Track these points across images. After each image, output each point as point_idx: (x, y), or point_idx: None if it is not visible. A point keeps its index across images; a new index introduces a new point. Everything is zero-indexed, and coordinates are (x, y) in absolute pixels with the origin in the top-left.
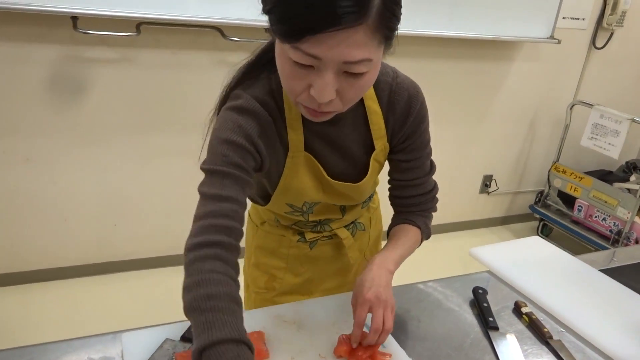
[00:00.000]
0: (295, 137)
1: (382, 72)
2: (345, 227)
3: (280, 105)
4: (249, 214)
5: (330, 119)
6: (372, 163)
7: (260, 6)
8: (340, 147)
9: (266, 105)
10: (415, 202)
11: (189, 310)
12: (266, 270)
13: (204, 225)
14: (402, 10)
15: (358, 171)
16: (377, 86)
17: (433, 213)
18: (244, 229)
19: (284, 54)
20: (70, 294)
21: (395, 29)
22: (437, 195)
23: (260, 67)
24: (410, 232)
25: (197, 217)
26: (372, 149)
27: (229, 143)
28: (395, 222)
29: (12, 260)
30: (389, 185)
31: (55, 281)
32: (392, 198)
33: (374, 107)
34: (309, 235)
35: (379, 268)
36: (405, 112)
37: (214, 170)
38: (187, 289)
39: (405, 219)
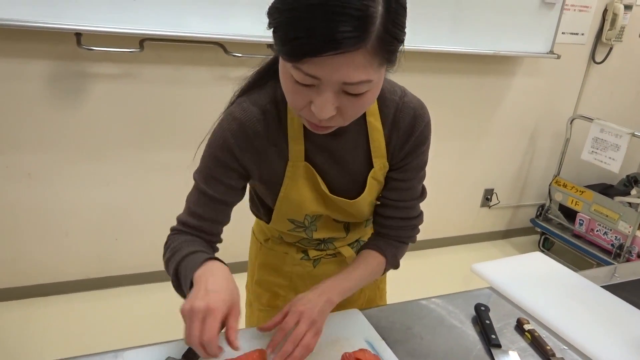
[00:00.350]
0: (296, 147)
1: (390, 90)
2: (349, 245)
3: (283, 115)
4: (252, 231)
5: (332, 132)
6: (370, 181)
7: (265, 21)
8: (340, 161)
9: (266, 114)
10: (393, 225)
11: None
12: (269, 287)
13: (187, 223)
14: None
15: (357, 187)
16: (382, 104)
17: (410, 243)
18: (248, 244)
19: (286, 71)
20: (71, 308)
21: (397, 50)
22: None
23: (267, 76)
24: (374, 262)
25: (187, 201)
26: (371, 166)
27: (213, 158)
28: (366, 244)
29: (13, 274)
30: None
31: (56, 296)
32: (374, 215)
33: (375, 124)
34: (313, 253)
35: (321, 295)
36: (409, 131)
37: (200, 179)
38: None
39: (375, 245)
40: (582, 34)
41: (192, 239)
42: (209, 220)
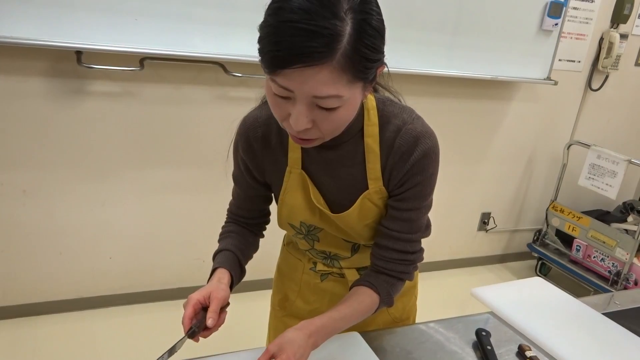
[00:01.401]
0: (294, 154)
1: (396, 114)
2: (357, 269)
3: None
4: (284, 234)
5: (329, 144)
6: (362, 200)
7: None
8: (335, 174)
9: (270, 120)
10: (387, 257)
11: None
12: (281, 289)
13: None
14: (402, 48)
15: (350, 204)
16: (384, 127)
17: (406, 280)
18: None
19: (267, 83)
20: (64, 328)
21: (369, 69)
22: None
23: None
24: (367, 301)
25: (232, 192)
26: (366, 187)
27: (233, 157)
28: (360, 279)
29: (6, 293)
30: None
31: (48, 315)
32: (373, 245)
33: (372, 146)
34: (320, 267)
35: (309, 337)
36: (405, 158)
37: (233, 174)
38: None
39: (369, 282)
40: (579, 61)
41: (233, 230)
42: (247, 209)
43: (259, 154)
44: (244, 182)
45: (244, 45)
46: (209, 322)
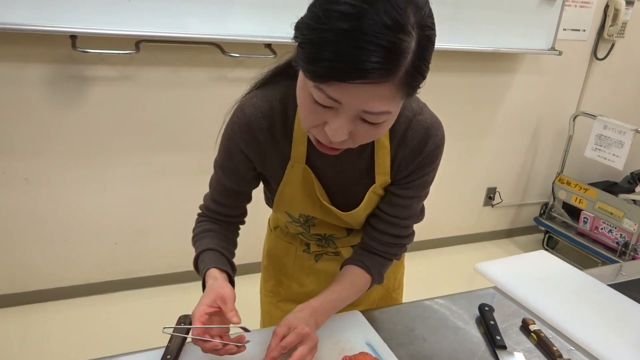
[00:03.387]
0: (299, 149)
1: (405, 106)
2: (352, 246)
3: (291, 114)
4: (269, 218)
5: None
6: (369, 195)
7: (264, 20)
8: (341, 169)
9: (273, 111)
10: (382, 240)
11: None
12: (274, 274)
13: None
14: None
15: (355, 198)
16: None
17: (395, 260)
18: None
19: (305, 88)
20: (71, 314)
21: (420, 84)
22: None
23: (284, 74)
24: (360, 282)
25: (210, 186)
26: (373, 181)
27: (225, 149)
28: (351, 259)
29: (12, 281)
30: None
31: (55, 301)
32: (366, 225)
33: (383, 141)
34: (314, 248)
35: (311, 315)
36: (417, 151)
37: (217, 168)
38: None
39: (361, 261)
40: (584, 30)
41: (211, 228)
42: (228, 206)
43: (264, 146)
44: (236, 175)
45: (242, 26)
46: (235, 318)
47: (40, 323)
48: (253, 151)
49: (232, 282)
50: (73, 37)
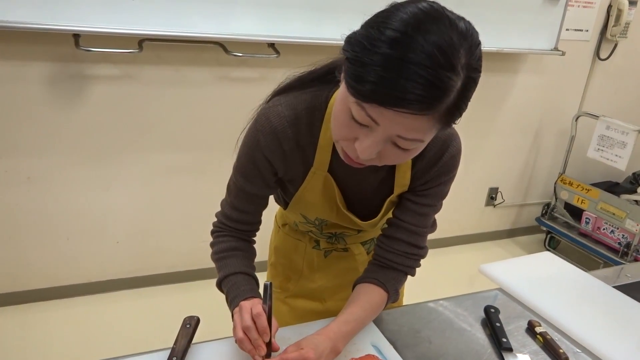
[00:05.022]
0: (322, 157)
1: None
2: (362, 243)
3: (317, 122)
4: (275, 215)
5: None
6: (387, 204)
7: (266, 20)
8: (361, 179)
9: (299, 119)
10: (398, 250)
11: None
12: (282, 271)
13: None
14: None
15: (372, 207)
16: None
17: (410, 275)
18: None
19: (346, 102)
20: (72, 313)
21: (455, 122)
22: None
23: (315, 81)
24: (377, 299)
25: (229, 193)
26: (391, 192)
27: (248, 156)
28: (366, 276)
29: (13, 279)
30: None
31: (57, 300)
32: (380, 236)
33: None
34: (324, 245)
35: (326, 340)
36: (433, 161)
37: (238, 175)
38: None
39: (376, 279)
40: (587, 31)
41: (237, 246)
42: (250, 212)
43: (288, 153)
44: (259, 181)
45: (245, 25)
46: (276, 345)
47: (42, 322)
48: (277, 159)
49: None
50: (76, 35)
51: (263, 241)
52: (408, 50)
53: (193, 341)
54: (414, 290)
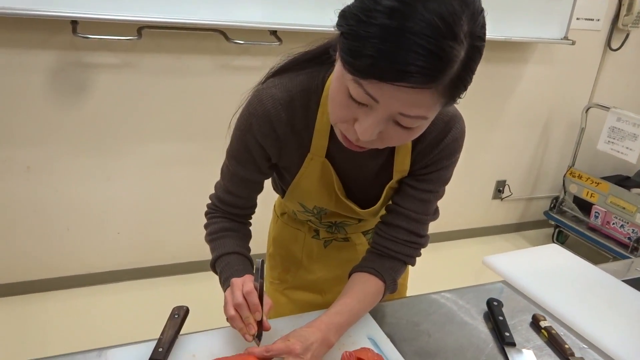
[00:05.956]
0: (319, 142)
1: None
2: (363, 232)
3: (313, 106)
4: (274, 205)
5: None
6: (387, 191)
7: (267, 6)
8: (360, 165)
9: (293, 102)
10: (398, 238)
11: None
12: (281, 262)
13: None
14: None
15: (371, 193)
16: None
17: (409, 265)
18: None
19: (343, 81)
20: (72, 304)
21: (462, 94)
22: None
23: (310, 62)
24: (372, 290)
25: (222, 177)
26: (390, 177)
27: (240, 140)
28: (362, 265)
29: (13, 270)
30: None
31: (57, 291)
32: (379, 224)
33: None
34: (323, 234)
35: (315, 332)
36: (434, 143)
37: (231, 159)
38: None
39: (372, 268)
40: (598, 20)
41: (229, 227)
42: (243, 197)
43: (282, 138)
44: (252, 165)
45: (246, 12)
46: (266, 324)
47: (41, 313)
48: (270, 143)
49: None
50: (74, 22)
51: (262, 232)
52: (407, 19)
53: (182, 332)
54: (416, 283)
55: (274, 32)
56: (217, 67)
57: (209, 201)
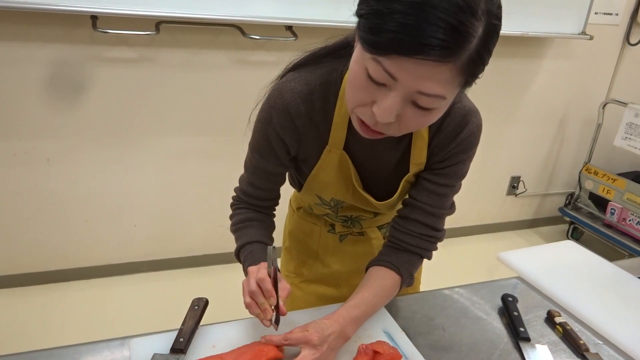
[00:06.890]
0: (338, 134)
1: None
2: (378, 227)
3: (332, 98)
4: (290, 199)
5: None
6: (403, 184)
7: (285, 3)
8: (378, 157)
9: (313, 95)
10: (414, 232)
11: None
12: (296, 255)
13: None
14: None
15: (388, 186)
16: None
17: (426, 258)
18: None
19: (362, 62)
20: (91, 294)
21: (479, 75)
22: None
23: (328, 56)
24: (389, 283)
25: (245, 169)
26: (407, 170)
27: (261, 133)
28: (379, 259)
29: (33, 260)
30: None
31: (75, 282)
32: (396, 217)
33: (421, 132)
34: (339, 229)
35: (333, 324)
36: (451, 137)
37: (253, 151)
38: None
39: (389, 262)
40: (616, 14)
41: (253, 217)
42: (266, 189)
43: (301, 130)
44: (273, 157)
45: (262, 7)
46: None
47: (60, 302)
48: (290, 136)
49: None
50: (94, 17)
51: (278, 226)
52: None
53: (201, 323)
54: (431, 278)
55: (289, 28)
56: (233, 62)
57: (234, 194)
